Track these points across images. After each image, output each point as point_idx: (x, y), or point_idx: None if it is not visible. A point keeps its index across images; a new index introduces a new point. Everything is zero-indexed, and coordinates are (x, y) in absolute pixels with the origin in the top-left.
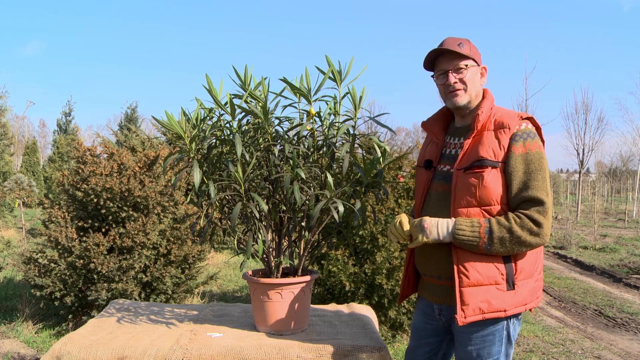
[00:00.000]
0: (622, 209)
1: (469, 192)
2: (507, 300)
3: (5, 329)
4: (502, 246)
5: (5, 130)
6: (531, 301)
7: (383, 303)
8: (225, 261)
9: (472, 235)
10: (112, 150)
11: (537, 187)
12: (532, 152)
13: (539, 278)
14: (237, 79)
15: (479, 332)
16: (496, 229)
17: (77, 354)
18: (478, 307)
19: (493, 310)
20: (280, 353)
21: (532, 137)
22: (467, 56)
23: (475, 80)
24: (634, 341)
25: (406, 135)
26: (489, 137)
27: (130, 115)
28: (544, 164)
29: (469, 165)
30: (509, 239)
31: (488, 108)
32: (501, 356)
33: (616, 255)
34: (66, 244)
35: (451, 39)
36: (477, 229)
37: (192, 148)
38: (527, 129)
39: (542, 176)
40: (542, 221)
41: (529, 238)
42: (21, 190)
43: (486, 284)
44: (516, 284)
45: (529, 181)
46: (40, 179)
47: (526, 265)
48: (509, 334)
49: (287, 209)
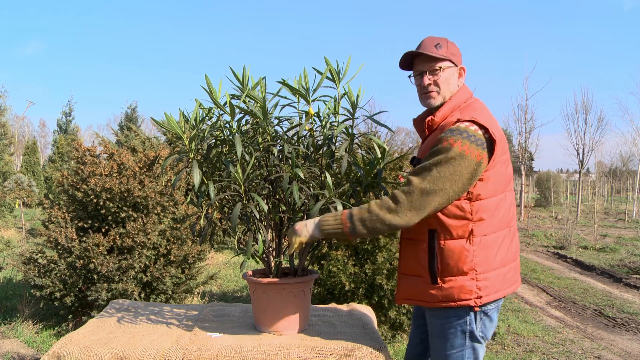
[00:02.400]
0: (622, 209)
1: None
2: (430, 293)
3: (5, 329)
4: (364, 227)
5: (5, 130)
6: (464, 299)
7: (383, 303)
8: (225, 261)
9: (335, 224)
10: (112, 151)
11: (417, 171)
12: (441, 146)
13: (484, 277)
14: (236, 80)
15: (442, 325)
16: (356, 212)
17: (77, 354)
18: (407, 292)
19: (418, 299)
20: (280, 353)
21: (455, 134)
22: (443, 58)
23: (451, 81)
24: (634, 341)
25: (406, 135)
26: (432, 137)
27: (131, 115)
28: (453, 163)
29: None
30: (369, 218)
31: (445, 112)
32: (465, 350)
33: (616, 255)
34: (66, 244)
35: (429, 39)
36: (339, 216)
37: (192, 148)
38: (456, 127)
39: (429, 164)
40: (400, 199)
41: (386, 215)
42: (21, 190)
43: (412, 274)
44: (440, 279)
45: (419, 167)
46: (40, 179)
47: (452, 262)
48: (472, 329)
49: (287, 209)
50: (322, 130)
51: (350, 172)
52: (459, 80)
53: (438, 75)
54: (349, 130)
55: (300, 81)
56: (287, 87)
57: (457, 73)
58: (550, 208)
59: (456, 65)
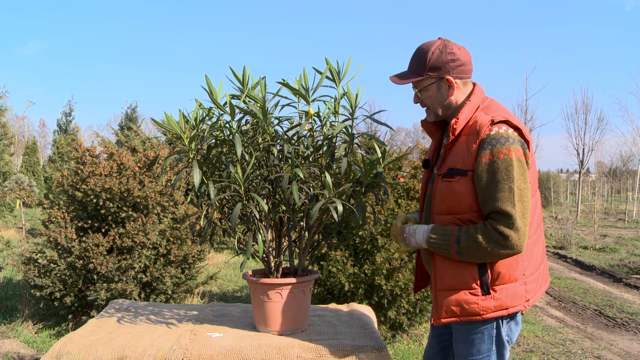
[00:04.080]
0: (622, 209)
1: (442, 200)
2: (482, 305)
3: (5, 329)
4: (472, 255)
5: (5, 130)
6: (516, 304)
7: (383, 303)
8: (225, 261)
9: (443, 244)
10: (111, 151)
11: (503, 198)
12: (499, 160)
13: (530, 280)
14: (236, 80)
15: (469, 331)
16: (464, 239)
17: (77, 354)
18: (451, 309)
19: (466, 314)
20: (281, 353)
21: (502, 143)
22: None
23: (437, 96)
24: (634, 341)
25: (406, 135)
26: (461, 143)
27: (131, 115)
28: (513, 172)
29: (445, 173)
30: (477, 249)
31: (469, 112)
32: (492, 355)
33: (616, 255)
34: (66, 244)
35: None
36: (447, 238)
37: (192, 148)
38: (498, 134)
39: (508, 186)
40: (508, 234)
41: (497, 249)
42: (21, 190)
43: (459, 289)
44: (493, 288)
45: (493, 192)
46: (40, 179)
47: (505, 270)
48: (499, 334)
49: (286, 209)
50: (322, 130)
51: (350, 172)
52: (449, 90)
53: (420, 96)
54: (348, 130)
55: (300, 81)
56: (287, 87)
57: (445, 85)
58: (550, 208)
59: (441, 77)
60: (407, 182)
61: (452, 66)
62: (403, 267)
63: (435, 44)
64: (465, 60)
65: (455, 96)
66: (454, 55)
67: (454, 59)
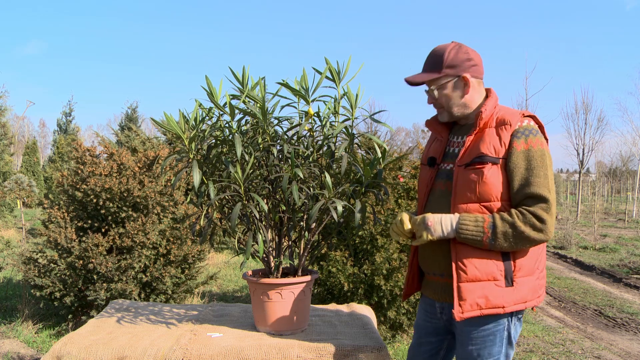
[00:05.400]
0: (622, 209)
1: (469, 188)
2: (506, 297)
3: (5, 329)
4: (506, 241)
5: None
6: (532, 299)
7: (382, 303)
8: (225, 261)
9: (475, 231)
10: (111, 151)
11: (539, 183)
12: (534, 149)
13: (541, 276)
14: (235, 81)
15: (479, 332)
16: (500, 224)
17: (77, 354)
18: (476, 302)
19: (491, 307)
20: (281, 353)
21: (535, 134)
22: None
23: (454, 95)
24: (634, 341)
25: (406, 135)
26: (490, 134)
27: (131, 115)
28: (546, 161)
29: (470, 162)
30: (512, 234)
31: (492, 106)
32: (501, 356)
33: (616, 255)
34: (65, 244)
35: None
36: (480, 224)
37: (192, 148)
38: (529, 125)
39: (544, 173)
40: (545, 217)
41: (532, 234)
42: (21, 190)
43: (484, 280)
44: (515, 280)
45: (530, 177)
46: (40, 179)
47: (526, 262)
48: (509, 335)
49: (286, 209)
50: (322, 130)
51: (350, 172)
52: (465, 88)
53: (435, 95)
54: (348, 130)
55: (300, 81)
56: (287, 88)
57: (462, 83)
58: None
59: (458, 75)
60: (407, 182)
61: (468, 65)
62: (402, 267)
63: (450, 45)
64: (478, 62)
65: (470, 95)
66: (469, 55)
67: (469, 59)
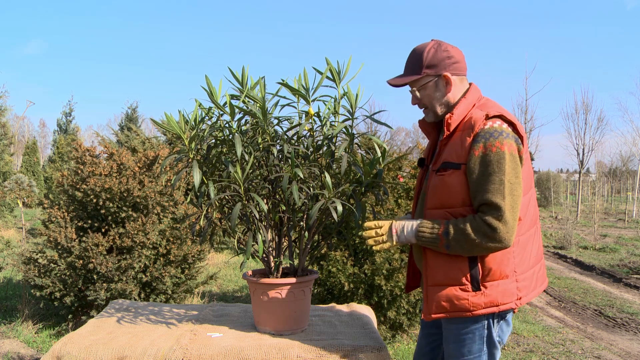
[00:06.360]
0: (622, 209)
1: (435, 194)
2: (473, 301)
3: (5, 329)
4: (461, 248)
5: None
6: (507, 302)
7: (382, 303)
8: (225, 261)
9: (430, 237)
10: (111, 151)
11: (493, 190)
12: (491, 153)
13: (521, 278)
14: (235, 81)
15: (459, 330)
16: (452, 231)
17: (77, 354)
18: (442, 305)
19: (457, 310)
20: (281, 353)
21: (496, 137)
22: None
23: (436, 94)
24: (634, 341)
25: (406, 135)
26: (456, 138)
27: (131, 115)
28: (505, 165)
29: (438, 168)
30: (465, 241)
31: (464, 109)
32: (483, 355)
33: (616, 255)
34: (65, 244)
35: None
36: (436, 230)
37: (192, 148)
38: (492, 128)
39: (499, 179)
40: (496, 225)
41: (484, 242)
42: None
43: (449, 284)
44: (484, 285)
45: (484, 184)
46: (40, 179)
47: (496, 266)
48: (490, 334)
49: (286, 209)
50: (322, 130)
51: (350, 172)
52: (447, 87)
53: (417, 95)
54: (348, 130)
55: (300, 81)
56: (287, 87)
57: (443, 81)
58: (550, 208)
59: (438, 75)
60: (407, 182)
61: (448, 63)
62: (403, 268)
63: (429, 44)
64: (459, 58)
65: (452, 93)
66: (448, 52)
67: (449, 56)
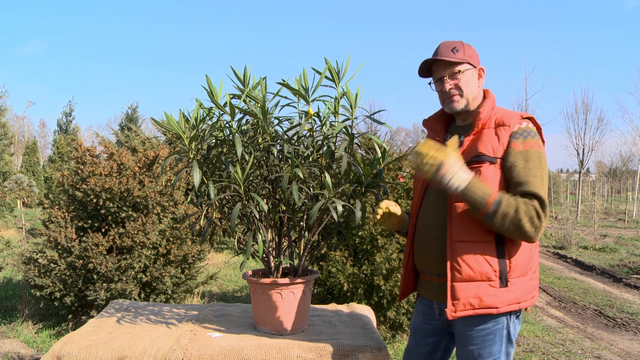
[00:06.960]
0: (622, 209)
1: None
2: (500, 297)
3: (5, 329)
4: (501, 223)
5: (5, 130)
6: (526, 299)
7: (382, 303)
8: (225, 261)
9: (480, 198)
10: (111, 151)
11: (536, 184)
12: (531, 150)
13: (534, 277)
14: (237, 80)
15: (479, 332)
16: (504, 203)
17: (77, 354)
18: (469, 302)
19: (484, 307)
20: (281, 353)
21: (532, 136)
22: (461, 61)
23: (472, 83)
24: (634, 341)
25: (406, 135)
26: (488, 134)
27: (131, 115)
28: (543, 163)
29: (468, 161)
30: (512, 217)
31: (489, 107)
32: (502, 355)
33: (616, 255)
34: (65, 244)
35: (445, 44)
36: (487, 196)
37: (192, 148)
38: (528, 127)
39: (540, 174)
40: (541, 215)
41: (527, 226)
42: (21, 190)
43: (478, 280)
44: (509, 281)
45: (528, 177)
46: (40, 179)
47: (520, 262)
48: (509, 333)
49: (286, 209)
50: (322, 130)
51: (350, 172)
52: (479, 81)
53: (459, 79)
54: (348, 130)
55: (300, 81)
56: (287, 88)
57: (477, 74)
58: (550, 208)
59: (475, 67)
60: (407, 182)
61: (479, 61)
62: (402, 264)
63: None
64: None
65: (480, 89)
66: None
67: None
